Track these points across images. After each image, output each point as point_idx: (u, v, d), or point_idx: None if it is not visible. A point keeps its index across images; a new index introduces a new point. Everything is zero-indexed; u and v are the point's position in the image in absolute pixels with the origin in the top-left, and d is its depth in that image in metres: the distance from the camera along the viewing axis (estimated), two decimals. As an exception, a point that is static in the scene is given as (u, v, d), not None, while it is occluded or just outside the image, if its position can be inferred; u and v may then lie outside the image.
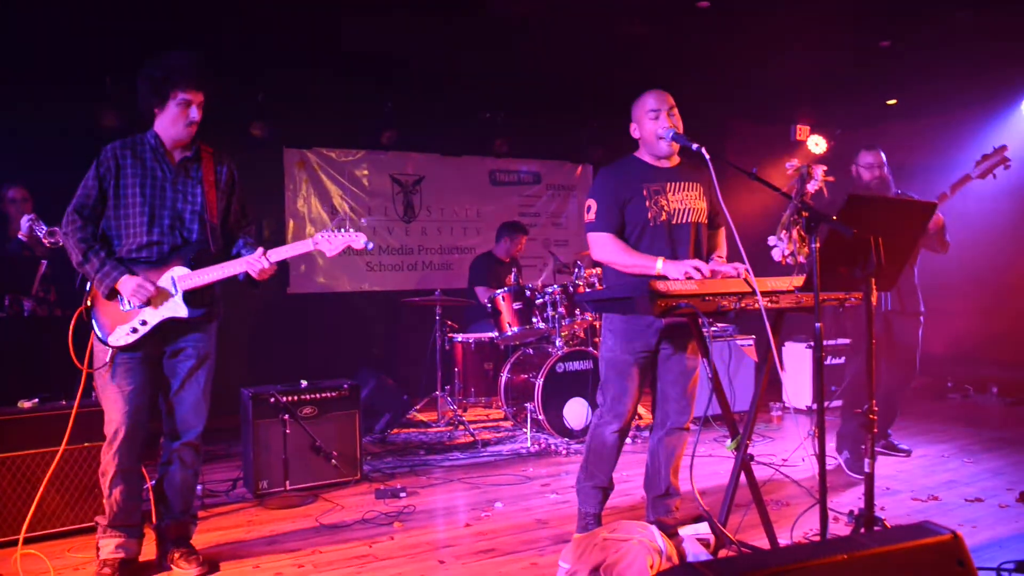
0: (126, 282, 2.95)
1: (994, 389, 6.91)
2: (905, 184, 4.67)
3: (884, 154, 4.44)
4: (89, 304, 3.04)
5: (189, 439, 3.14)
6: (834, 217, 2.45)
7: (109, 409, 3.01)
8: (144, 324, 2.99)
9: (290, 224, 6.85)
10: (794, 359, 6.45)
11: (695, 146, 2.96)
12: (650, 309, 2.64)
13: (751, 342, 6.09)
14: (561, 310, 5.33)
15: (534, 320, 5.41)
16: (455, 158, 7.59)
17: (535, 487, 4.29)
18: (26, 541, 3.21)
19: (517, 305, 5.45)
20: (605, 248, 3.16)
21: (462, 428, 5.64)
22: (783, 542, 3.14)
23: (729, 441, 3.00)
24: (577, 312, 5.41)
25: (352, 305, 7.10)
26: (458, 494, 4.21)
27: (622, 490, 4.07)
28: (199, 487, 3.74)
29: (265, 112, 6.36)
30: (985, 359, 7.11)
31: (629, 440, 4.95)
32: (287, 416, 4.15)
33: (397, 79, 6.57)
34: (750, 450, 2.99)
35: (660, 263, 3.00)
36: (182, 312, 3.03)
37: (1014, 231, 7.00)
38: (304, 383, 4.35)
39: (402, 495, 4.11)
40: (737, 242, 2.81)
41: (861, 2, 5.20)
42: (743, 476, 2.98)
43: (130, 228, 3.02)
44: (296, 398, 4.24)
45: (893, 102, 7.49)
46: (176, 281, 3.02)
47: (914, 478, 4.32)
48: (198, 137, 3.14)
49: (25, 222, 4.31)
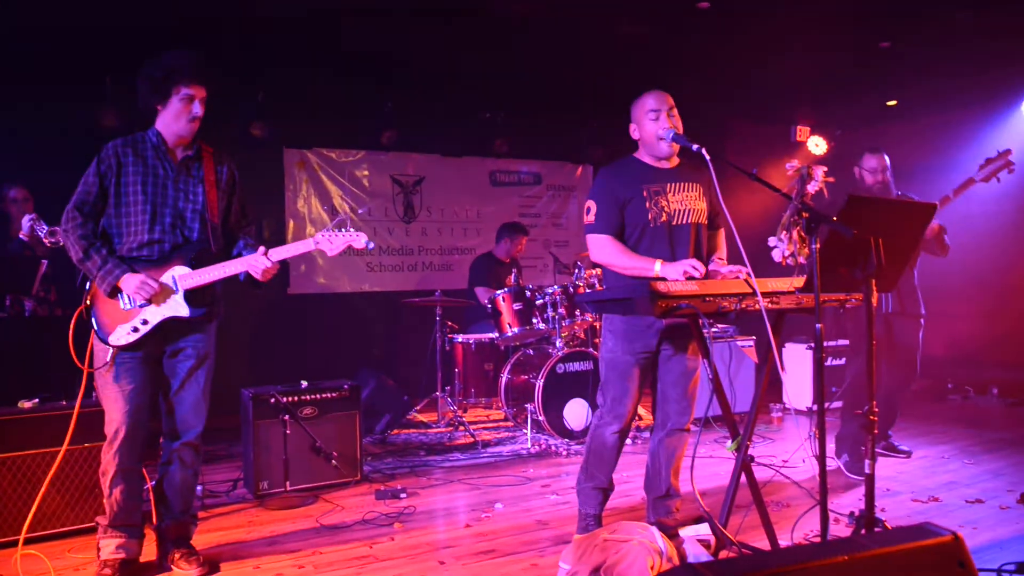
0: (129, 279, 2.94)
1: (995, 390, 6.90)
2: (905, 185, 4.67)
3: (888, 157, 4.44)
4: (89, 303, 3.03)
5: (189, 439, 3.14)
6: (834, 218, 2.45)
7: (110, 408, 3.00)
8: (145, 323, 2.99)
9: (290, 224, 6.85)
10: (794, 360, 6.44)
11: (695, 147, 2.96)
12: (651, 310, 2.65)
13: (751, 343, 6.09)
14: (561, 311, 5.33)
15: (534, 321, 5.41)
16: (455, 158, 7.59)
17: (535, 488, 4.29)
18: (26, 541, 3.21)
19: (517, 306, 5.45)
20: (604, 250, 3.16)
21: (462, 429, 5.64)
22: (784, 543, 3.14)
23: (729, 442, 3.00)
24: (577, 313, 5.41)
25: (352, 305, 7.10)
26: (458, 495, 4.21)
27: (622, 491, 4.07)
28: (199, 487, 3.74)
29: (265, 112, 6.36)
30: (986, 361, 7.11)
31: (629, 441, 4.95)
32: (287, 416, 4.15)
33: (397, 79, 6.58)
34: (750, 451, 2.99)
35: (658, 266, 3.00)
36: (183, 311, 3.02)
37: (1016, 233, 6.99)
38: (304, 383, 4.35)
39: (402, 496, 4.11)
40: (737, 243, 2.81)
41: (861, 2, 5.20)
42: (743, 477, 2.98)
43: (131, 226, 3.01)
44: (296, 398, 4.24)
45: (893, 103, 7.49)
46: (177, 280, 3.02)
47: (914, 479, 4.32)
48: (198, 137, 3.13)
49: (26, 222, 4.32)
